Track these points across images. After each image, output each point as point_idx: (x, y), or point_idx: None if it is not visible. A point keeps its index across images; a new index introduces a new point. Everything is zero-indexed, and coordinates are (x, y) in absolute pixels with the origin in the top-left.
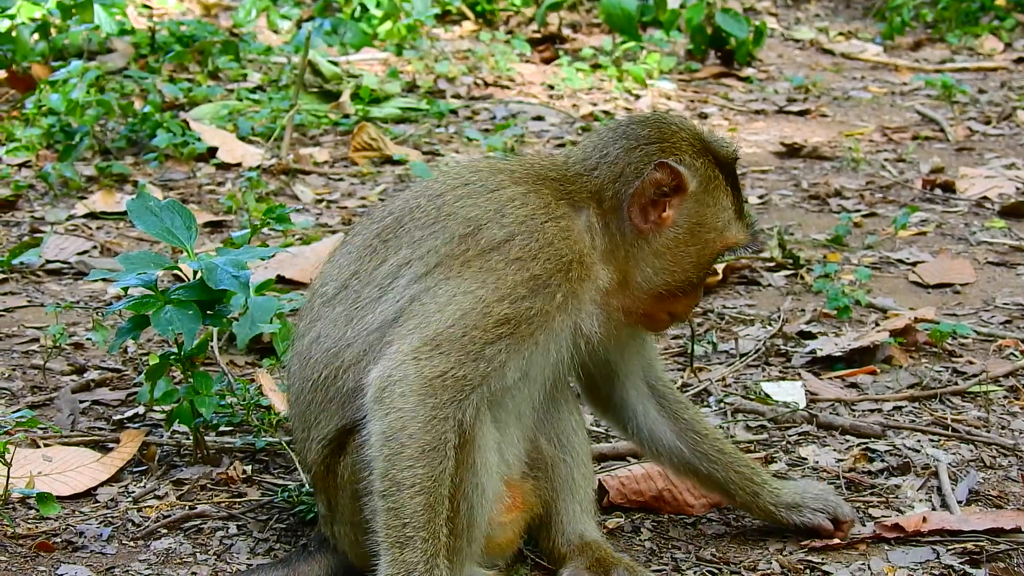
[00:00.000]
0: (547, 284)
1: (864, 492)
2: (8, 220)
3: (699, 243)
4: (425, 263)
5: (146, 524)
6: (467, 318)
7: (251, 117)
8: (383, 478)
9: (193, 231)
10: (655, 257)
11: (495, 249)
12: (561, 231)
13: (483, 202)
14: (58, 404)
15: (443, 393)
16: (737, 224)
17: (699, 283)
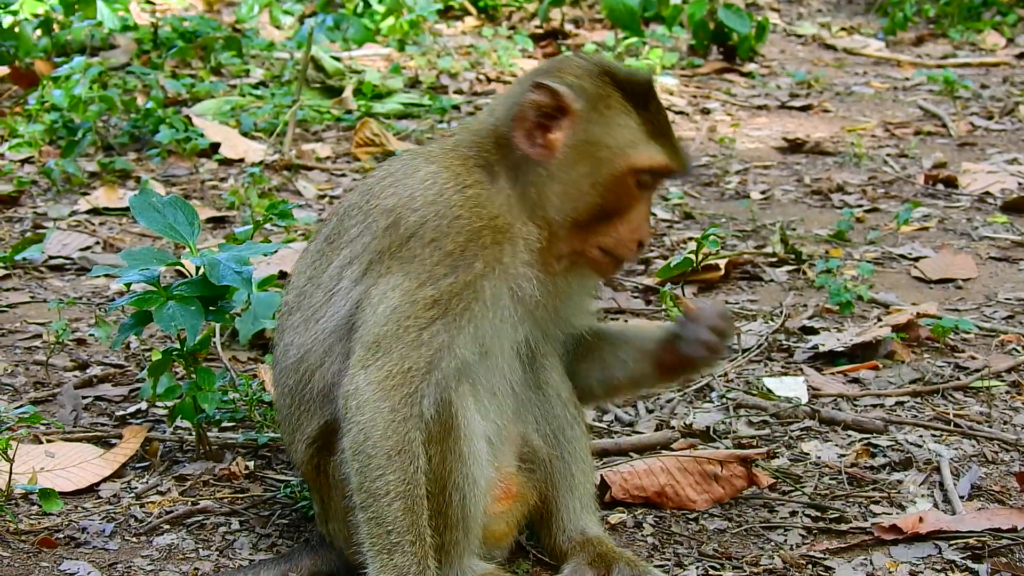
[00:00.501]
0: (463, 256)
1: (866, 487)
2: (11, 216)
3: (594, 163)
4: (360, 262)
5: (149, 520)
6: (398, 312)
7: (254, 113)
8: (359, 491)
9: (196, 227)
10: (555, 183)
11: (413, 236)
12: (469, 200)
13: (399, 189)
14: (61, 400)
15: (394, 393)
16: (647, 146)
17: (615, 211)
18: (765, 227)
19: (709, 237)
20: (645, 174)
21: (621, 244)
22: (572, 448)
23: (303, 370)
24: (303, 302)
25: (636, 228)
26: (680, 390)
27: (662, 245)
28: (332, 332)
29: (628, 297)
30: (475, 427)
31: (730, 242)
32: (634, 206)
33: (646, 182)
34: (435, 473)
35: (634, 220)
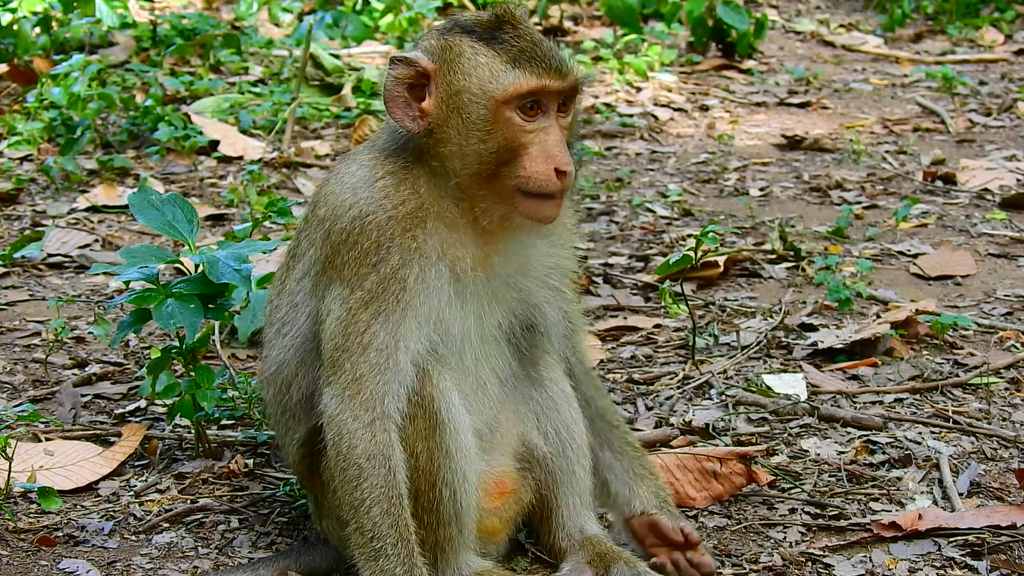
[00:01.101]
0: (379, 252)
1: (866, 484)
2: (9, 214)
3: (464, 111)
4: (309, 275)
5: (148, 518)
6: (341, 323)
7: (253, 110)
8: (342, 504)
9: (195, 225)
10: (445, 146)
11: (340, 243)
12: (375, 194)
13: (328, 197)
14: (59, 398)
15: (352, 402)
16: (507, 74)
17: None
18: (764, 224)
19: (708, 234)
20: (517, 101)
21: (536, 177)
22: (574, 446)
23: (280, 382)
24: (274, 315)
25: (548, 156)
26: (679, 387)
27: (661, 242)
28: (300, 346)
29: (627, 294)
30: (460, 422)
31: (729, 239)
32: (533, 137)
33: (529, 109)
34: (423, 470)
35: (541, 149)
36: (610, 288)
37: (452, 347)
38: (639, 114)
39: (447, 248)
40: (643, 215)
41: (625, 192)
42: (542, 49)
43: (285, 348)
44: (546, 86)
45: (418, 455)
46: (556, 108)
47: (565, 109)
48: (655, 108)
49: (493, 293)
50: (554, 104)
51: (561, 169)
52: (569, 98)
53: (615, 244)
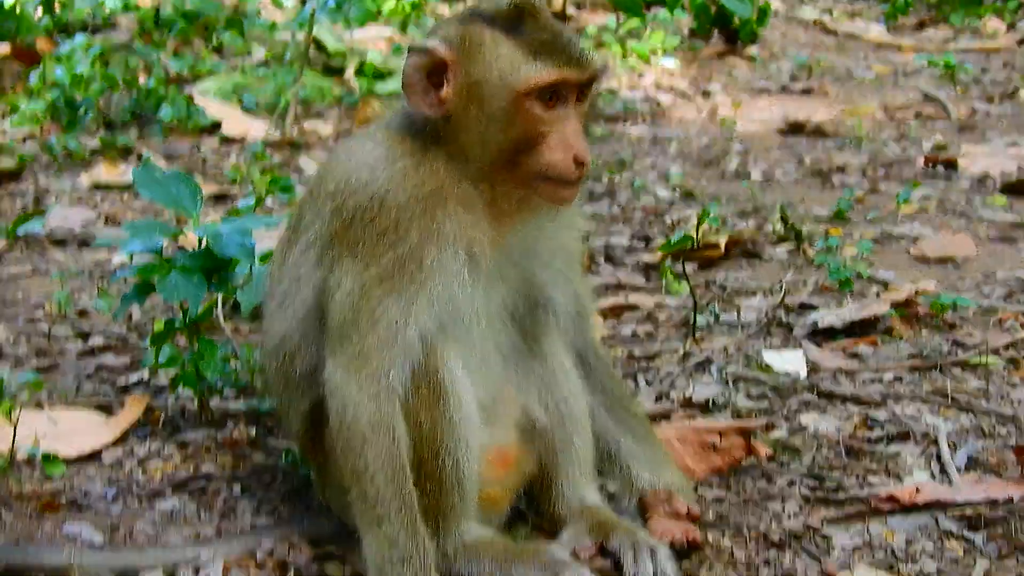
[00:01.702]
0: (397, 230)
1: (864, 459)
2: (13, 190)
3: (484, 101)
4: (315, 248)
5: (151, 485)
6: (351, 296)
7: (256, 92)
8: (346, 473)
9: (199, 200)
10: (465, 133)
11: (353, 219)
12: (397, 174)
13: (340, 173)
14: (63, 369)
15: (358, 374)
16: (529, 66)
17: (532, 138)
18: (765, 207)
19: (709, 214)
20: (538, 93)
21: (555, 165)
22: (573, 417)
23: (283, 355)
24: (275, 288)
25: (567, 145)
26: (679, 364)
27: (662, 223)
28: (303, 319)
29: (629, 273)
30: (464, 392)
31: (730, 221)
32: (553, 126)
33: (549, 100)
34: (427, 439)
35: (560, 139)
36: (611, 267)
37: (460, 324)
38: (642, 99)
39: (464, 230)
40: (645, 197)
41: (627, 174)
42: (563, 41)
43: (288, 320)
44: (567, 78)
45: (422, 424)
46: (575, 98)
47: (582, 98)
48: (658, 93)
49: (501, 273)
50: (573, 94)
51: (580, 158)
52: (587, 88)
53: (617, 224)
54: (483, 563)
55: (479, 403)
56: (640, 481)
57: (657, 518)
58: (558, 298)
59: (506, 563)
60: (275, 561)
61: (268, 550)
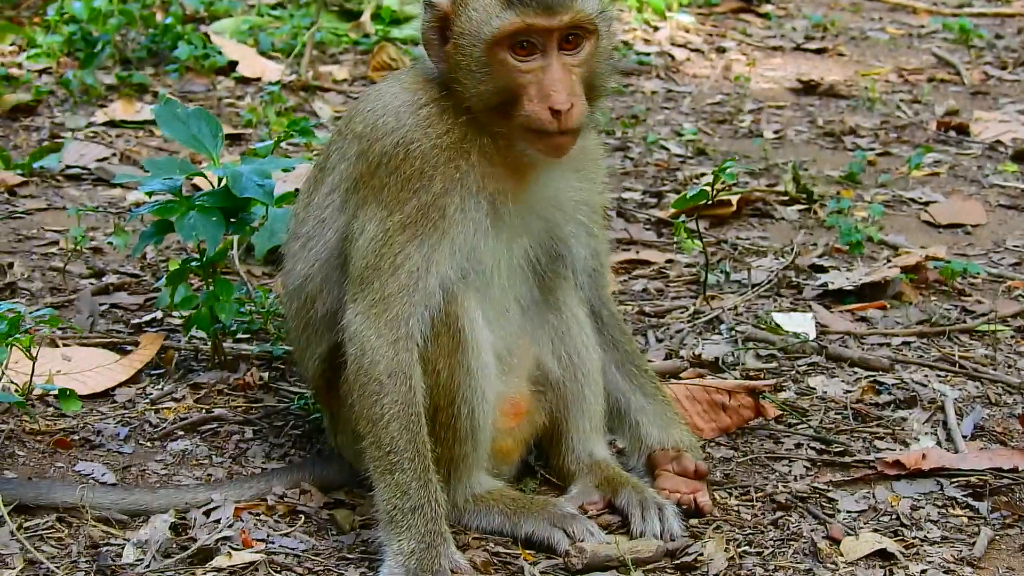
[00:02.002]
0: (421, 178)
1: (871, 423)
2: (28, 125)
3: (468, 51)
4: (340, 190)
5: (163, 425)
6: (375, 242)
7: (272, 33)
8: (360, 419)
9: (219, 139)
10: (463, 84)
11: (379, 165)
12: (422, 121)
13: (367, 116)
14: (77, 306)
15: (378, 320)
16: (501, 14)
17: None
18: (777, 166)
19: (726, 170)
20: (508, 41)
21: (536, 117)
22: (585, 370)
23: (304, 296)
24: (299, 229)
25: (544, 95)
26: (690, 321)
27: (675, 180)
28: (326, 261)
29: (640, 229)
30: (483, 342)
31: (742, 180)
32: (531, 76)
33: (521, 49)
34: (444, 387)
35: (538, 89)
36: (623, 222)
37: (481, 274)
38: (656, 53)
39: (487, 180)
40: (657, 152)
41: (640, 129)
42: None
43: (310, 262)
44: (531, 25)
45: (439, 372)
46: (557, 46)
47: (571, 46)
48: (672, 48)
49: (524, 224)
50: (552, 43)
51: (555, 108)
52: (576, 35)
53: (629, 179)
54: (492, 515)
55: (496, 353)
56: (649, 439)
57: (665, 476)
58: (577, 252)
59: (515, 516)
60: (286, 506)
61: (279, 495)
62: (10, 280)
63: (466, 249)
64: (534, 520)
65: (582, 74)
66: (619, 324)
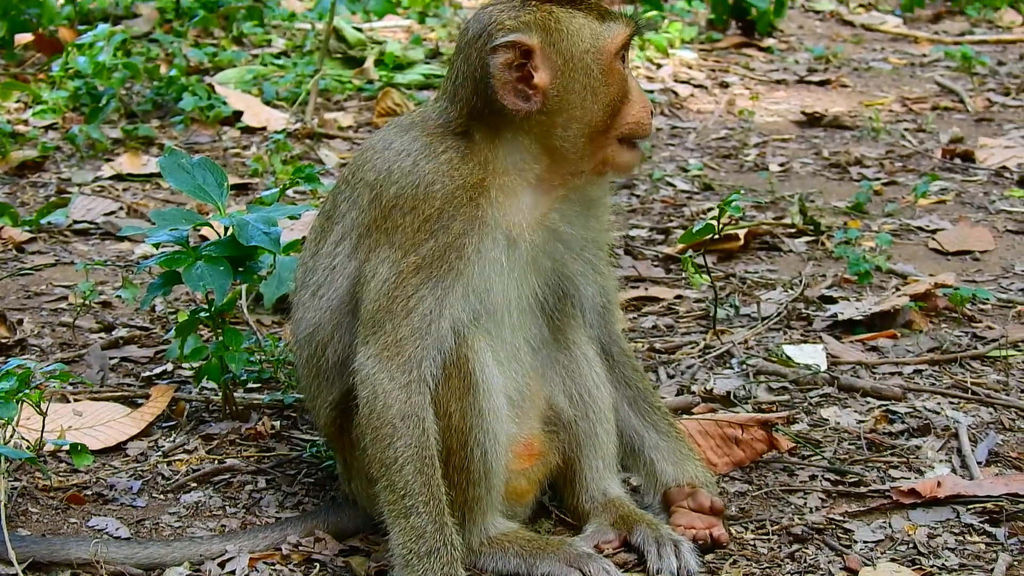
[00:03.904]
0: (440, 219)
1: (885, 452)
2: (35, 181)
3: (585, 71)
4: (351, 237)
5: (176, 477)
6: (388, 284)
7: (276, 82)
8: (373, 462)
9: (224, 189)
10: (557, 116)
11: (394, 207)
12: (441, 166)
13: (379, 163)
14: (88, 360)
15: (390, 363)
16: (607, 28)
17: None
18: (784, 199)
19: (731, 203)
20: (622, 52)
21: (638, 120)
22: (597, 408)
23: (316, 343)
24: (308, 279)
25: (643, 100)
26: (700, 356)
27: (681, 215)
28: (337, 308)
29: (648, 266)
30: (494, 383)
31: (749, 213)
32: (630, 82)
33: (623, 58)
34: (456, 430)
35: (637, 92)
36: (631, 259)
37: (492, 316)
38: (660, 90)
39: (506, 216)
40: (664, 188)
41: (646, 166)
42: (605, 5)
43: (321, 310)
44: (634, 32)
45: (451, 414)
46: None
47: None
48: (675, 84)
49: (534, 263)
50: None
51: (649, 107)
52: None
53: (636, 216)
54: (508, 557)
55: (507, 394)
56: (664, 476)
57: (680, 512)
58: (585, 290)
59: (531, 557)
60: (300, 555)
61: (294, 544)
62: (20, 337)
63: (481, 290)
64: (550, 561)
65: None
66: (630, 361)
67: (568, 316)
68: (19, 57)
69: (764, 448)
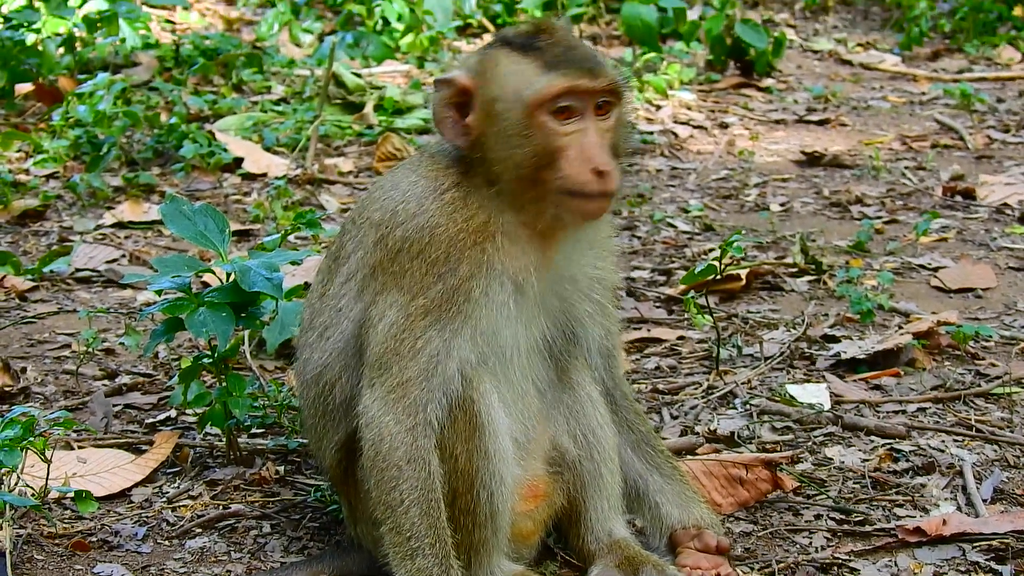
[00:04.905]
0: (447, 262)
1: (890, 491)
2: (37, 230)
3: (501, 119)
4: (357, 279)
5: (181, 523)
6: (395, 327)
7: (276, 128)
8: (378, 504)
9: (226, 235)
10: (491, 156)
11: (400, 250)
12: (446, 206)
13: (385, 203)
14: (91, 408)
15: (396, 406)
16: (541, 78)
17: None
18: (785, 239)
19: (733, 243)
20: (551, 104)
21: (575, 177)
22: (601, 449)
23: (323, 384)
24: (315, 320)
25: (585, 158)
26: (703, 397)
27: (683, 256)
28: (343, 350)
29: (650, 307)
30: (500, 425)
31: (750, 253)
32: (570, 139)
33: (564, 111)
34: (462, 472)
35: (579, 151)
36: (633, 301)
37: (500, 357)
38: (659, 131)
39: (512, 261)
40: (665, 230)
41: (646, 207)
42: (574, 52)
43: (327, 352)
44: (575, 86)
45: (457, 456)
46: (593, 111)
47: (603, 112)
48: (675, 125)
49: (543, 304)
50: (590, 106)
51: (599, 169)
52: (608, 101)
53: (637, 258)
54: None
55: (513, 436)
56: (669, 519)
57: (687, 553)
58: (592, 331)
59: None
60: None
61: None
62: (24, 385)
63: (489, 333)
64: None
65: (610, 141)
66: (632, 405)
67: (573, 357)
68: (19, 107)
69: (769, 488)
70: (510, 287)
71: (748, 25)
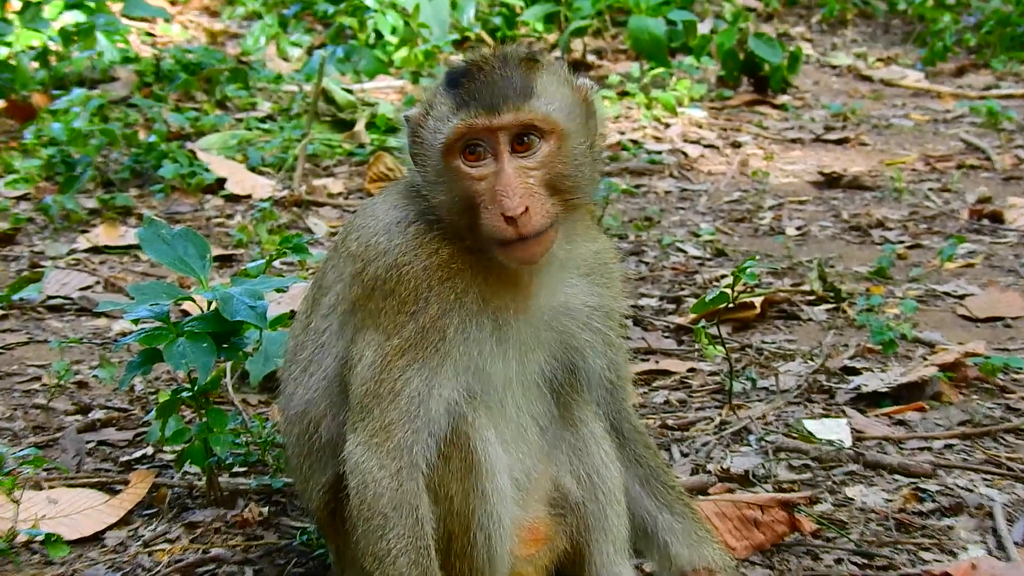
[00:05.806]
0: (416, 300)
1: (915, 534)
2: (7, 254)
3: (432, 155)
4: (337, 312)
5: (157, 569)
6: (373, 368)
7: (261, 147)
8: (367, 555)
9: (207, 261)
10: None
11: (374, 288)
12: (409, 240)
13: (361, 233)
14: (63, 444)
15: (379, 450)
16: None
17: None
18: (802, 264)
19: (746, 269)
20: (458, 147)
21: (490, 224)
22: (606, 489)
23: (307, 422)
24: (299, 354)
25: (495, 203)
26: (716, 433)
27: (693, 283)
28: (327, 387)
29: (659, 337)
30: (497, 463)
31: (765, 280)
32: (484, 184)
33: (472, 154)
34: (458, 513)
35: (490, 197)
36: (641, 330)
37: (493, 394)
38: (668, 151)
39: (487, 296)
40: (674, 255)
41: (655, 231)
42: (483, 90)
43: (312, 388)
44: (473, 125)
45: (452, 497)
46: (509, 148)
47: (524, 148)
48: (685, 144)
49: (535, 337)
50: (501, 145)
51: (506, 214)
52: (529, 136)
53: (645, 285)
54: None
55: (513, 476)
56: (679, 560)
57: None
58: (594, 363)
59: None
60: None
61: None
62: None
63: (471, 369)
64: None
65: (543, 176)
66: (642, 439)
67: (576, 391)
68: None
69: (786, 530)
70: (488, 324)
71: (762, 39)
